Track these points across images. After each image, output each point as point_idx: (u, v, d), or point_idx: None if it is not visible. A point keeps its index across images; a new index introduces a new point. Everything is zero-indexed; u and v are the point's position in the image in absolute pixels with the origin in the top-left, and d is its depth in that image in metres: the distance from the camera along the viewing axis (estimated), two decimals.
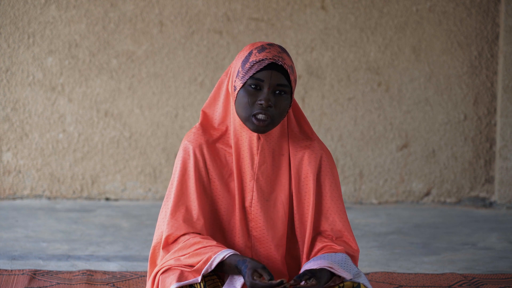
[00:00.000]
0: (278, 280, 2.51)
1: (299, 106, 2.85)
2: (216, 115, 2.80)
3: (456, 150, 5.55)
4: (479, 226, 4.90)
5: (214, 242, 2.67)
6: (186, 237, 2.70)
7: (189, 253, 2.66)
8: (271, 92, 2.66)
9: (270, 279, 2.53)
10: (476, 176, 5.56)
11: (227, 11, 5.41)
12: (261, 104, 2.65)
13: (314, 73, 5.47)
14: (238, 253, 2.64)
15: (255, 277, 2.54)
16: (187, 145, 2.76)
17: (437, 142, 5.54)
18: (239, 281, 2.62)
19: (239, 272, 2.60)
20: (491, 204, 5.53)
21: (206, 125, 2.80)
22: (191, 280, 2.60)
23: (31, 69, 5.37)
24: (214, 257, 2.62)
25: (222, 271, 2.66)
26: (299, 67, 5.45)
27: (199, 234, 2.72)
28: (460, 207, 5.51)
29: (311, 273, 2.60)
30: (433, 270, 3.84)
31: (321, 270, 2.62)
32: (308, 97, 5.47)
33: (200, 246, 2.66)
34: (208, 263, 2.62)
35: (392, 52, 5.49)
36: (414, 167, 5.54)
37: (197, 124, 2.80)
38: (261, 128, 2.67)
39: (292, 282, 2.56)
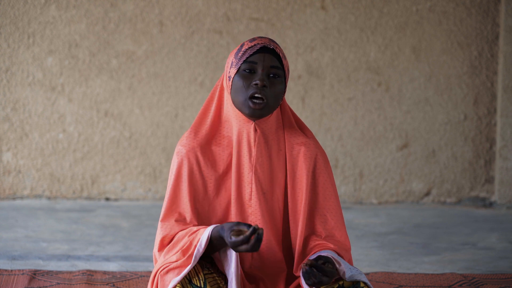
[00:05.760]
0: (251, 229, 2.51)
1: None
2: (208, 117, 2.82)
3: (456, 150, 5.55)
4: (479, 226, 4.90)
5: (201, 228, 2.69)
6: (179, 233, 2.73)
7: (179, 249, 2.70)
8: (265, 74, 2.70)
9: (251, 228, 2.53)
10: (476, 176, 5.56)
11: (227, 11, 5.41)
12: (256, 85, 2.69)
13: (314, 73, 5.47)
14: (218, 224, 2.66)
15: (232, 236, 2.55)
16: (180, 149, 2.79)
17: (437, 142, 5.54)
18: (232, 261, 2.66)
19: (223, 240, 2.63)
20: (491, 204, 5.53)
21: (198, 128, 2.82)
22: (187, 268, 2.61)
23: (31, 69, 5.37)
24: (200, 238, 2.64)
25: (215, 250, 2.68)
26: (299, 67, 5.45)
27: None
28: (460, 207, 5.51)
29: (325, 258, 2.61)
30: (433, 270, 3.84)
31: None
32: (308, 97, 5.47)
33: (186, 240, 2.69)
34: (197, 246, 2.65)
35: (392, 52, 5.49)
36: (414, 167, 5.54)
37: (189, 128, 2.83)
38: (257, 111, 2.70)
39: (308, 263, 2.55)
